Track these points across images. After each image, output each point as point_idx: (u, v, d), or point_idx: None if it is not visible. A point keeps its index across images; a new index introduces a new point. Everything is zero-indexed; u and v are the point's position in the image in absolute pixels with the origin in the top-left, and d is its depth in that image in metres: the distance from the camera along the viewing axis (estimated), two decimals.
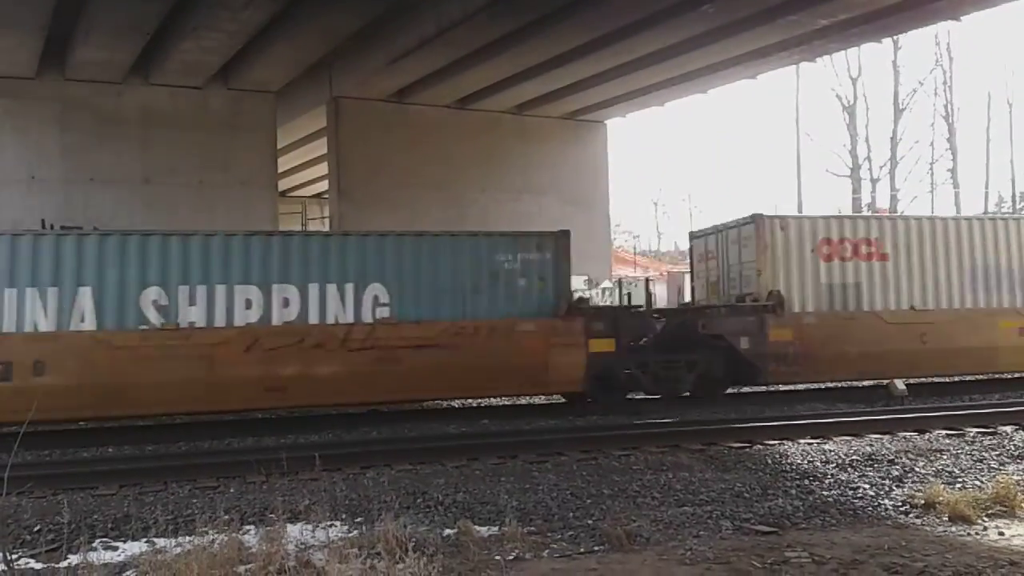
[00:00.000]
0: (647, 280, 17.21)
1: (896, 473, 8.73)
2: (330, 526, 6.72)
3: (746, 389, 15.17)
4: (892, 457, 9.37)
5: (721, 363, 14.37)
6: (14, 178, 17.36)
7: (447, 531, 6.72)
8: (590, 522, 7.10)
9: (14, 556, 6.19)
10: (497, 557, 6.03)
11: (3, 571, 5.78)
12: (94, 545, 6.59)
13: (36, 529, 7.11)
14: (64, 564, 6.01)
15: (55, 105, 18.01)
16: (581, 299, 14.86)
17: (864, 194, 43.38)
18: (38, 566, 6.13)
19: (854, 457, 9.41)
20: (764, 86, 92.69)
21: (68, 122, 18.03)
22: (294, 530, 6.47)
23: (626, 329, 13.95)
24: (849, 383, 16.13)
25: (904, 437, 10.43)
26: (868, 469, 8.93)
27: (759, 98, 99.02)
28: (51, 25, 15.33)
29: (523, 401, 15.18)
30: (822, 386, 15.71)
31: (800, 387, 15.49)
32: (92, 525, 7.18)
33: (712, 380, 14.44)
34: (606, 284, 25.28)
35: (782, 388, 15.52)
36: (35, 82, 17.79)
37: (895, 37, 18.32)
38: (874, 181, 43.34)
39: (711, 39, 17.38)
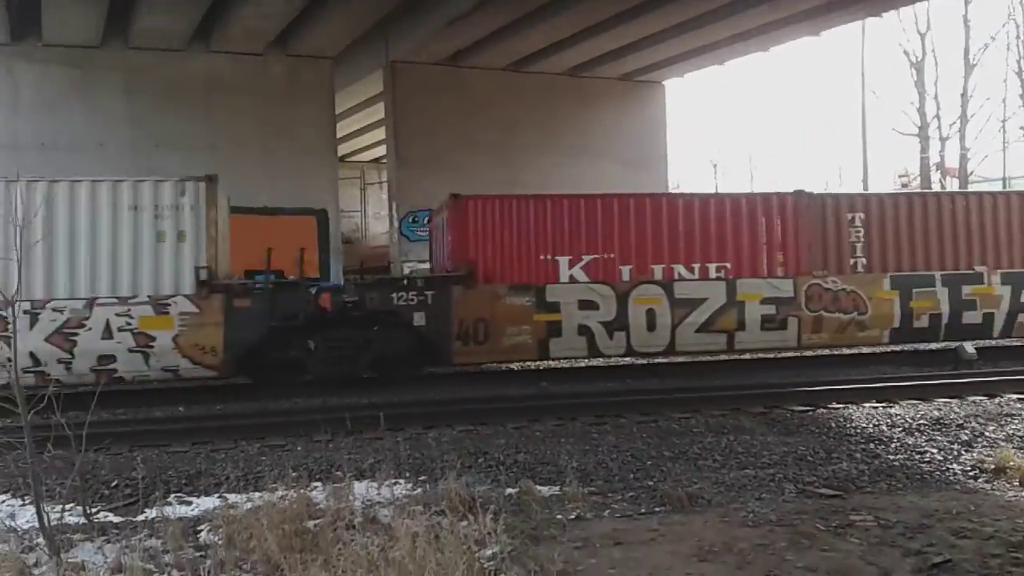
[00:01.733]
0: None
1: (965, 437, 8.56)
2: (394, 484, 6.84)
3: (808, 353, 14.95)
4: (961, 421, 9.18)
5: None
6: (83, 145, 17.76)
7: (508, 490, 6.79)
8: (650, 483, 7.12)
9: (93, 510, 6.44)
10: (559, 516, 6.09)
11: (83, 524, 6.03)
12: (169, 500, 6.82)
13: (113, 484, 7.40)
14: (141, 518, 6.22)
15: (120, 73, 18.34)
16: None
17: (932, 153, 42.12)
18: (116, 519, 6.36)
19: (921, 421, 9.25)
20: (828, 43, 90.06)
21: (134, 90, 18.37)
22: (360, 487, 6.60)
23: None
24: (915, 347, 15.81)
25: (973, 401, 10.20)
26: (936, 433, 8.77)
27: (823, 56, 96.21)
28: None
29: (581, 364, 15.19)
30: (888, 349, 15.40)
31: (865, 350, 15.21)
32: (167, 481, 7.43)
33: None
34: None
35: (846, 351, 15.27)
36: (101, 51, 18.12)
37: None
38: (943, 140, 42.01)
39: None
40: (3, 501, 6.98)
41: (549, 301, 13.31)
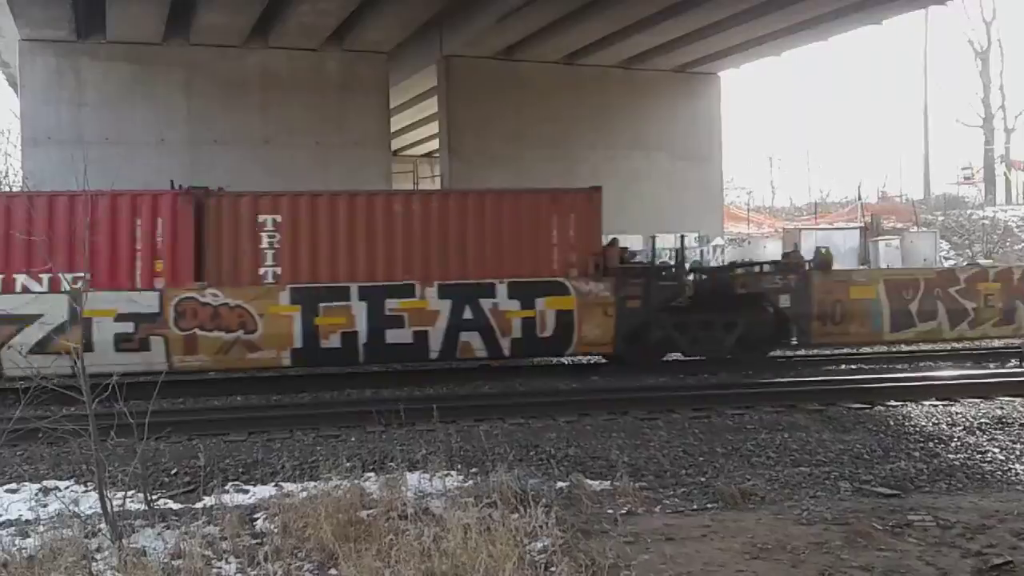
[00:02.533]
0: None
1: None
2: (446, 475, 6.90)
3: (866, 349, 14.68)
4: None
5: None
6: (144, 141, 18.18)
7: (560, 484, 6.80)
8: (703, 479, 7.08)
9: (154, 496, 6.61)
10: (610, 511, 6.08)
11: (144, 510, 6.19)
12: (227, 488, 6.98)
13: (173, 472, 7.58)
14: (200, 505, 6.36)
15: (181, 70, 18.72)
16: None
17: (997, 145, 40.95)
18: (176, 506, 6.53)
19: (983, 420, 9.03)
20: (890, 33, 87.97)
21: (193, 86, 18.73)
22: (412, 478, 6.66)
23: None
24: (976, 344, 15.41)
25: None
26: (998, 432, 8.56)
27: (884, 46, 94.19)
28: None
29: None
30: (948, 347, 15.05)
31: (925, 347, 14.89)
32: (224, 469, 7.59)
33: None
34: (718, 241, 24.80)
35: (905, 348, 14.98)
36: (162, 48, 18.51)
37: None
38: (1008, 131, 40.84)
39: None
40: (68, 487, 7.21)
41: None
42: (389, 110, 21.45)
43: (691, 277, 14.29)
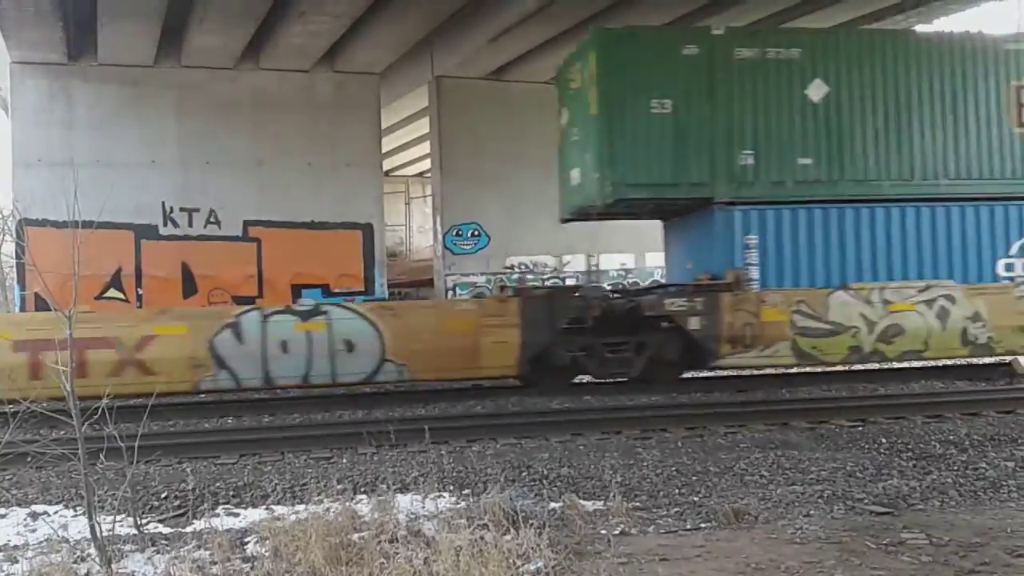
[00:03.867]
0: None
1: (1020, 454, 8.35)
2: (438, 497, 6.88)
3: (857, 367, 14.70)
4: (1015, 437, 8.96)
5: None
6: (136, 162, 18.15)
7: (552, 505, 6.77)
8: (696, 499, 7.06)
9: (144, 521, 6.57)
10: (603, 531, 6.06)
11: (134, 534, 6.15)
12: (217, 511, 6.93)
13: (164, 495, 7.52)
14: (190, 529, 6.32)
15: (172, 92, 18.71)
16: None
17: None
18: (166, 530, 6.47)
19: (974, 437, 9.04)
20: None
21: (185, 108, 18.72)
22: (404, 500, 6.64)
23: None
24: (968, 360, 15.45)
25: None
26: (989, 450, 8.57)
27: None
28: (167, 14, 15.93)
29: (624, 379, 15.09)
30: (939, 363, 15.08)
31: (916, 364, 14.92)
32: (215, 492, 7.54)
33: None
34: None
35: (896, 365, 15.00)
36: (154, 70, 18.50)
37: None
38: None
39: None
40: (57, 512, 7.14)
41: None
42: (380, 130, 21.50)
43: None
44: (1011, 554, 5.29)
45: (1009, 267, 14.43)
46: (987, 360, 15.10)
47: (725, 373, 14.70)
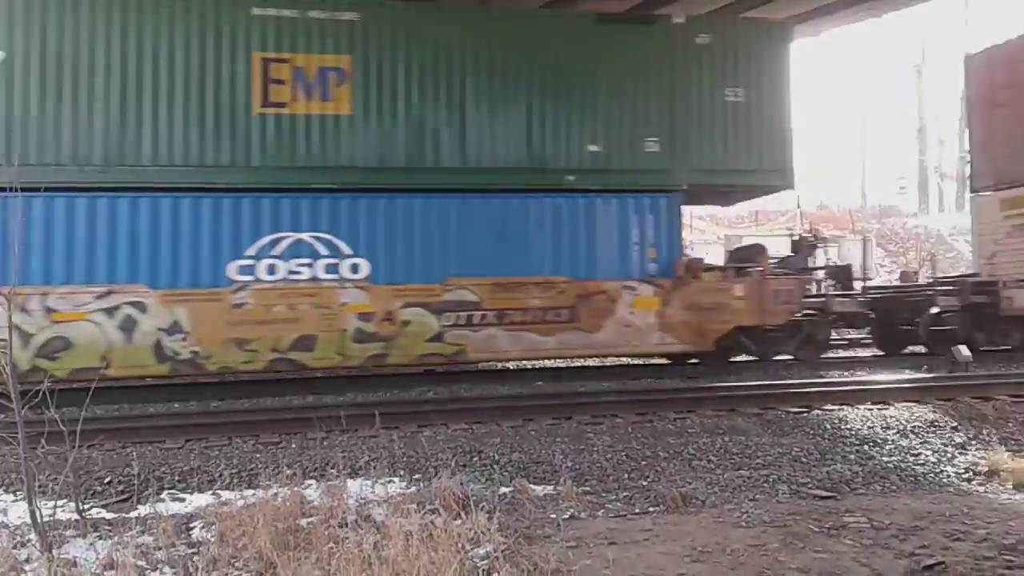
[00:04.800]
0: None
1: (959, 440, 8.59)
2: (389, 482, 6.85)
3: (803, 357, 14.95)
4: (955, 424, 9.20)
5: None
6: None
7: (503, 489, 6.80)
8: (645, 483, 7.13)
9: (86, 506, 6.43)
10: (553, 516, 6.09)
11: (76, 520, 6.02)
12: (162, 496, 6.82)
13: (107, 480, 7.39)
14: (134, 514, 6.21)
15: None
16: None
17: (931, 155, 42.06)
18: (109, 516, 6.35)
19: (916, 423, 9.26)
20: (831, 42, 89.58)
21: None
22: (354, 485, 6.59)
23: None
24: (912, 350, 15.83)
25: (968, 403, 10.20)
26: (930, 435, 8.79)
27: (827, 56, 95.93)
28: None
29: (577, 363, 15.19)
30: (884, 352, 15.43)
31: (862, 353, 15.25)
32: (160, 477, 7.42)
33: None
34: None
35: (842, 353, 15.31)
36: None
37: None
38: (941, 143, 42.01)
39: None
40: None
41: None
42: None
43: None
44: (949, 537, 5.43)
45: (246, 269, 12.48)
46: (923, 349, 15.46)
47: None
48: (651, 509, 6.38)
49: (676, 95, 14.10)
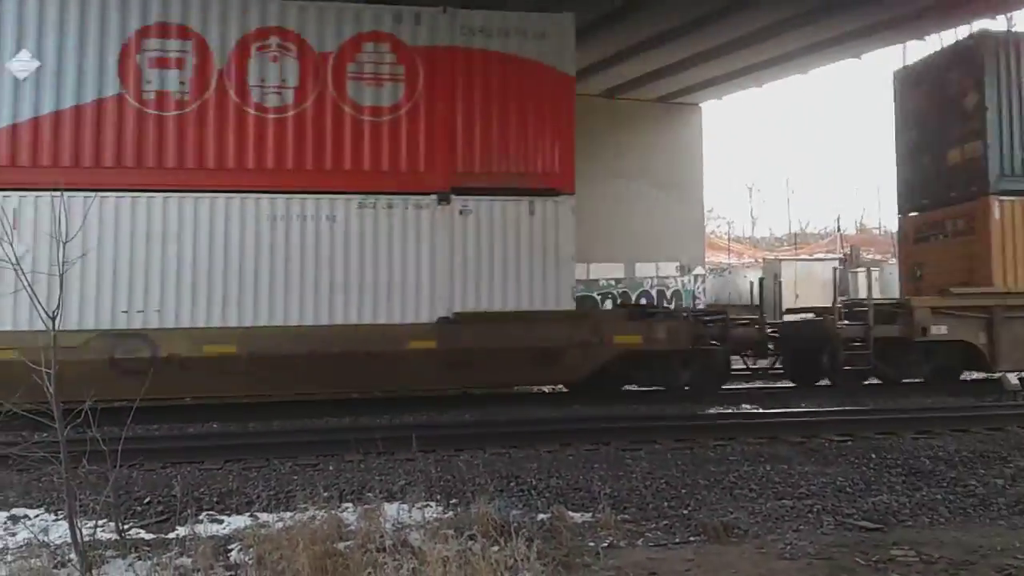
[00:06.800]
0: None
1: (1009, 471, 8.34)
2: (425, 506, 6.80)
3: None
4: (1005, 454, 8.96)
5: None
6: None
7: (541, 516, 6.71)
8: (685, 512, 7.01)
9: (126, 526, 6.46)
10: (592, 543, 6.00)
11: (116, 540, 6.04)
12: (201, 518, 6.83)
13: (147, 500, 7.42)
14: (173, 535, 6.23)
15: None
16: None
17: None
18: (148, 536, 6.37)
19: (964, 453, 9.03)
20: (869, 65, 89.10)
21: None
22: (391, 509, 6.56)
23: None
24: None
25: (1017, 433, 9.95)
26: (979, 466, 8.56)
27: (864, 78, 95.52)
28: None
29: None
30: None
31: (906, 380, 14.93)
32: (199, 498, 7.44)
33: None
34: (699, 271, 24.89)
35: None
36: None
37: (1010, 14, 17.37)
38: None
39: (812, 18, 16.83)
40: (37, 516, 7.03)
41: None
42: None
43: None
44: (1000, 572, 5.27)
45: None
46: (976, 376, 15.12)
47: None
48: (692, 539, 6.26)
49: None
